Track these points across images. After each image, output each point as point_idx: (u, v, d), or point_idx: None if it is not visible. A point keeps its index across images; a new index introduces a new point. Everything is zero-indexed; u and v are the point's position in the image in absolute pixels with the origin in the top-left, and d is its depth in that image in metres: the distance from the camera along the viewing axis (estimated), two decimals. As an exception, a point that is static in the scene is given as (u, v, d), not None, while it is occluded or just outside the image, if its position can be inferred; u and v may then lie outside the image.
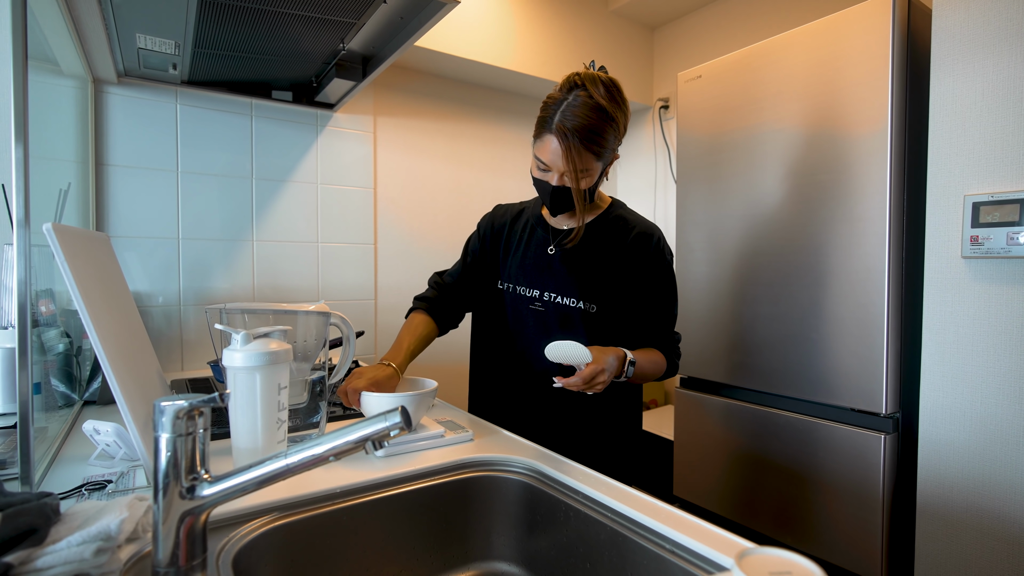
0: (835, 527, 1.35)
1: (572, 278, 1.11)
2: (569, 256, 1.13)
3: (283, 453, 0.56)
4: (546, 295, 1.14)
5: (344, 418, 1.14)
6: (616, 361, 0.99)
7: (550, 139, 1.02)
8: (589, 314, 1.11)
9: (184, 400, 0.54)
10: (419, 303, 1.25)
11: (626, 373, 1.03)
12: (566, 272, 1.12)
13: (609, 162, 1.08)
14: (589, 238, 1.13)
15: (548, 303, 1.13)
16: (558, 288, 1.12)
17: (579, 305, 1.10)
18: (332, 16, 1.20)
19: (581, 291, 1.11)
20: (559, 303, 1.12)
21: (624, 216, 1.15)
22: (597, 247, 1.12)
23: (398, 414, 0.55)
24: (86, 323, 0.69)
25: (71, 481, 0.80)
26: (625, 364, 1.02)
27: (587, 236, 1.13)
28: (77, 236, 0.81)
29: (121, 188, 1.57)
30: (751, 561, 0.42)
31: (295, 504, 0.74)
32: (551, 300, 1.13)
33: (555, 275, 1.13)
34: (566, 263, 1.13)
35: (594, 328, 1.11)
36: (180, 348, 1.67)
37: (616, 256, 1.12)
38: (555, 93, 1.03)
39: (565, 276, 1.12)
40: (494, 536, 0.88)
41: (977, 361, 1.14)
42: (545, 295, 1.14)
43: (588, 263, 1.12)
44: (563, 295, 1.12)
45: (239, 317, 0.92)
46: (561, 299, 1.12)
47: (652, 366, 1.10)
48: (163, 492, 0.54)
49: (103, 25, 1.17)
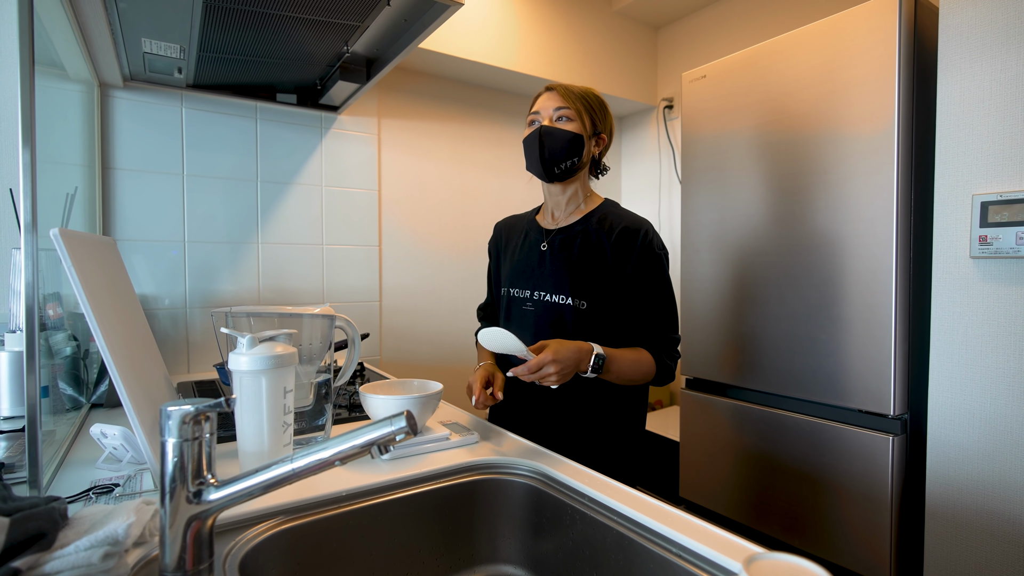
0: (843, 530, 1.34)
1: (562, 275, 1.12)
2: (559, 253, 1.14)
3: (289, 457, 0.56)
4: (536, 294, 1.14)
5: (350, 421, 1.14)
6: (575, 354, 0.95)
7: (540, 96, 1.16)
8: (579, 311, 1.10)
9: (190, 405, 0.54)
10: None
11: (592, 367, 0.98)
12: (556, 269, 1.13)
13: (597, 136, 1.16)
14: (579, 235, 1.14)
15: (538, 302, 1.13)
16: (549, 286, 1.13)
17: (568, 302, 1.10)
18: (336, 19, 1.21)
19: (571, 288, 1.10)
20: (549, 301, 1.12)
21: (614, 212, 1.16)
22: (587, 244, 1.12)
23: (404, 418, 0.55)
24: (93, 328, 0.69)
25: (79, 484, 0.80)
26: (590, 359, 0.98)
27: (577, 233, 1.14)
28: (84, 241, 0.81)
29: (127, 192, 1.58)
30: (759, 566, 0.42)
31: (301, 507, 0.74)
32: (541, 299, 1.13)
33: (546, 273, 1.14)
34: (556, 260, 1.13)
35: (585, 326, 1.10)
36: (186, 351, 1.67)
37: (604, 251, 1.10)
38: None
39: (555, 273, 1.13)
40: (500, 539, 0.88)
41: (986, 362, 1.13)
42: (535, 294, 1.14)
43: (578, 260, 1.12)
44: (553, 293, 1.12)
45: (245, 320, 0.92)
46: (551, 297, 1.12)
47: (633, 365, 1.05)
48: (170, 496, 0.54)
49: (109, 30, 1.18)
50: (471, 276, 2.32)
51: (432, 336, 2.22)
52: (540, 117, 1.14)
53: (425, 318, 2.20)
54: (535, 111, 1.15)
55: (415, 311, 2.17)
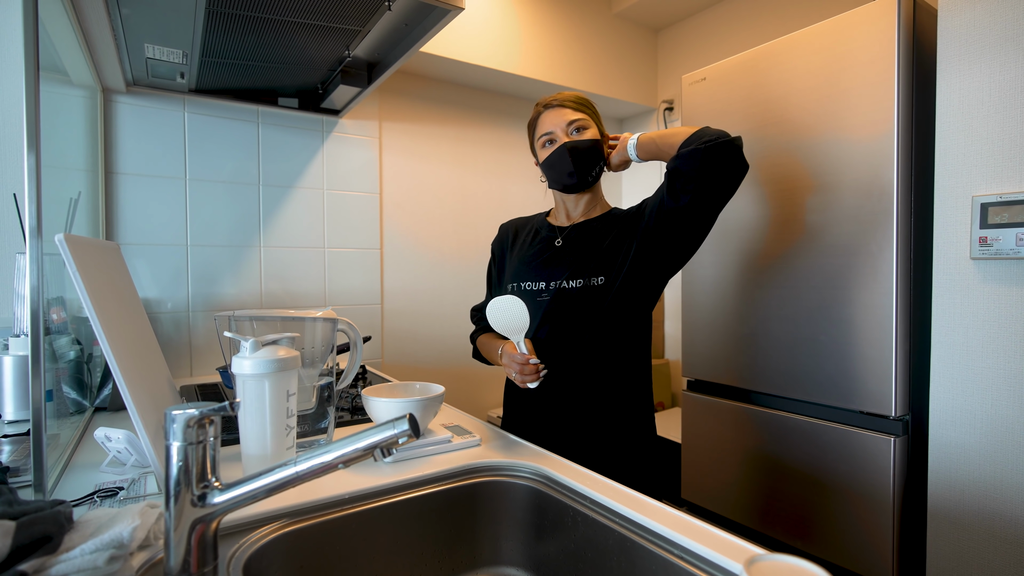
0: (845, 531, 1.34)
1: (579, 261, 1.14)
2: (576, 242, 1.17)
3: (292, 460, 0.56)
4: (552, 284, 1.15)
5: (352, 423, 1.15)
6: None
7: (545, 115, 1.18)
8: (596, 288, 1.11)
9: (195, 409, 0.54)
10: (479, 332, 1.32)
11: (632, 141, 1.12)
12: (574, 257, 1.15)
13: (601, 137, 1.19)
14: (596, 226, 1.18)
15: (554, 290, 1.15)
16: (566, 274, 1.14)
17: (587, 282, 1.12)
18: (338, 24, 1.21)
19: (588, 270, 1.13)
20: (565, 288, 1.13)
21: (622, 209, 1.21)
22: (605, 230, 1.17)
23: (406, 422, 0.55)
24: (98, 333, 0.69)
25: (83, 488, 0.81)
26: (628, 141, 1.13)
27: (594, 227, 1.18)
28: (88, 246, 0.81)
29: (130, 196, 1.59)
30: (760, 567, 0.42)
31: (304, 510, 0.74)
32: (557, 287, 1.14)
33: (563, 262, 1.16)
34: (573, 250, 1.17)
35: (601, 302, 1.11)
36: (189, 354, 1.68)
37: (618, 233, 1.15)
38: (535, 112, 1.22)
39: (573, 261, 1.15)
40: (502, 541, 0.88)
41: (987, 363, 1.13)
42: (551, 284, 1.16)
43: (593, 246, 1.15)
44: (571, 279, 1.14)
45: (248, 324, 0.92)
46: (568, 283, 1.14)
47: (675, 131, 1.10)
48: (175, 500, 0.54)
49: (112, 35, 1.19)
50: (472, 279, 2.33)
51: (434, 339, 2.22)
52: (556, 135, 1.16)
53: (427, 321, 2.20)
54: (547, 131, 1.17)
55: (417, 314, 2.18)
